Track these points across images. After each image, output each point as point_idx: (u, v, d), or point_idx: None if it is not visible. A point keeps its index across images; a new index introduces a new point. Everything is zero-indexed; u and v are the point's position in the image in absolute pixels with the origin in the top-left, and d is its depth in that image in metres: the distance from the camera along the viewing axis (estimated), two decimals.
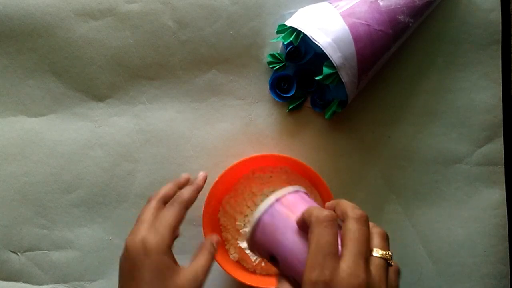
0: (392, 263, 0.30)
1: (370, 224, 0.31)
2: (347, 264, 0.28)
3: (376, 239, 0.31)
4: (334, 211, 0.32)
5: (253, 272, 0.49)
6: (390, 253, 0.30)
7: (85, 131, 0.52)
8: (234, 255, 0.49)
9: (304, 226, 0.32)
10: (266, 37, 0.51)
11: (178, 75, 0.51)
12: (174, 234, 0.37)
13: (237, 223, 0.49)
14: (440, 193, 0.52)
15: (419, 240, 0.52)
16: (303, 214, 0.32)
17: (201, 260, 0.38)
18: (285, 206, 0.34)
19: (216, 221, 0.50)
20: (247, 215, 0.49)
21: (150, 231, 0.36)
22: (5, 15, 0.50)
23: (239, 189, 0.50)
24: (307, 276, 0.28)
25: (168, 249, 0.36)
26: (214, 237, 0.41)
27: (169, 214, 0.38)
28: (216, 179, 0.47)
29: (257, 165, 0.49)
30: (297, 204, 0.34)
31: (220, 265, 0.46)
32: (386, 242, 0.31)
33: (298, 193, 0.36)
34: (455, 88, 0.52)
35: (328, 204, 0.34)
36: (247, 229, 0.39)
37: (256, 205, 0.48)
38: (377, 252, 0.30)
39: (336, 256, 0.29)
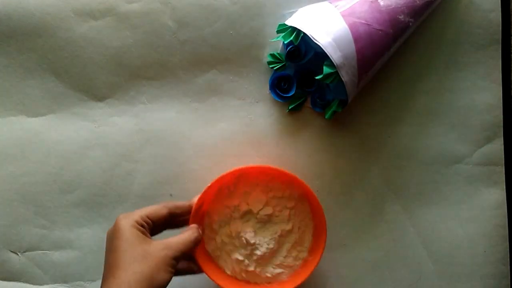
0: None
1: None
2: None
3: None
4: None
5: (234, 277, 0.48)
6: None
7: (84, 131, 0.52)
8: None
9: None
10: (266, 37, 0.51)
11: (178, 75, 0.51)
12: (146, 218, 0.40)
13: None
14: (440, 193, 0.52)
15: (419, 240, 0.52)
16: None
17: (180, 236, 0.41)
18: None
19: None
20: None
21: (124, 215, 0.40)
22: (5, 15, 0.50)
23: (215, 201, 0.49)
24: None
25: (135, 224, 0.39)
26: (196, 225, 0.45)
27: (149, 206, 0.42)
28: (203, 190, 0.46)
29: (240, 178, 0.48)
30: None
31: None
32: None
33: None
34: (455, 88, 0.52)
35: None
36: None
37: (233, 218, 0.48)
38: None
39: None
